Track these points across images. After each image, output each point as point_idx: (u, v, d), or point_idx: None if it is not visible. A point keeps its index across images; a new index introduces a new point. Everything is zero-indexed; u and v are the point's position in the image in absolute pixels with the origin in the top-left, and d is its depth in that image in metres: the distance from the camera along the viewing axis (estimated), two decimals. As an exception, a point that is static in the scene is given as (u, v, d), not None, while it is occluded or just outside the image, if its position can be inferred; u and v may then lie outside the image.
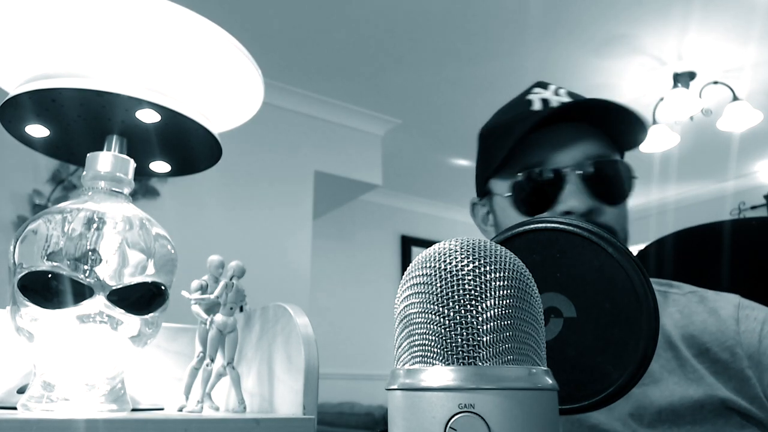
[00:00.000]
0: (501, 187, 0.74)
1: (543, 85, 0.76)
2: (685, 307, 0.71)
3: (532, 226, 0.43)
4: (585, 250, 0.41)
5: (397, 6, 2.59)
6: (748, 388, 0.63)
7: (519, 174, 0.71)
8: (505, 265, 0.30)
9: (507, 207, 0.73)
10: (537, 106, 0.74)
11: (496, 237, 0.44)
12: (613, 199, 0.70)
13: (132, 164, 0.57)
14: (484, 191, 0.79)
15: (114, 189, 0.55)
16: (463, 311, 0.29)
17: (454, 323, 0.29)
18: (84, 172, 0.55)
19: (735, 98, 3.01)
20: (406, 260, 4.89)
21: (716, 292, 0.72)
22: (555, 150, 0.70)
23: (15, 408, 0.48)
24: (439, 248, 0.31)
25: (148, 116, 0.56)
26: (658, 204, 5.03)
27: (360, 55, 2.97)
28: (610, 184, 0.69)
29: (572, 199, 0.67)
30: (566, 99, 0.73)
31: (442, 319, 0.29)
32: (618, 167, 0.71)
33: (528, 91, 0.76)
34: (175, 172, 0.69)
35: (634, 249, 0.67)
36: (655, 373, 0.65)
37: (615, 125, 0.72)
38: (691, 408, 0.62)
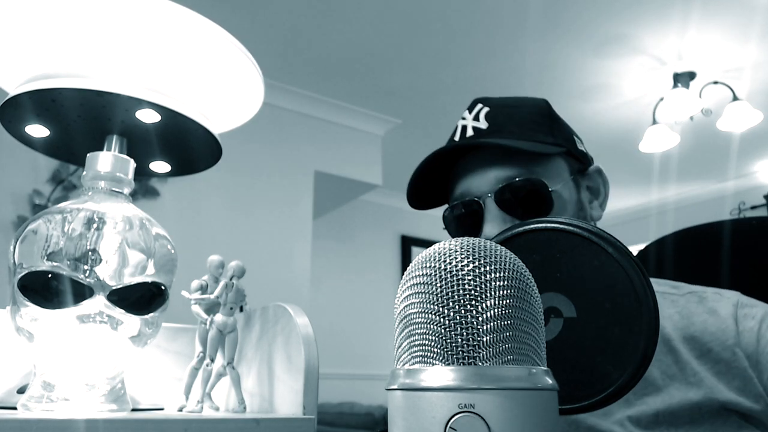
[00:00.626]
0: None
1: (471, 107, 0.77)
2: (684, 308, 0.71)
3: (532, 226, 0.43)
4: (585, 250, 0.41)
5: (397, 6, 2.59)
6: (751, 387, 0.63)
7: (445, 209, 0.75)
8: (505, 265, 0.30)
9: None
10: (457, 135, 0.77)
11: (496, 237, 0.44)
12: (534, 216, 0.70)
13: (132, 164, 0.57)
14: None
15: (114, 189, 0.55)
16: (463, 311, 0.29)
17: (454, 323, 0.29)
18: (84, 172, 0.55)
19: (735, 98, 3.01)
20: (406, 260, 4.89)
21: (716, 290, 0.72)
22: (473, 177, 0.73)
23: (15, 408, 0.48)
24: (439, 248, 0.31)
25: (148, 116, 0.56)
26: (658, 204, 5.03)
27: (360, 55, 2.97)
28: (526, 203, 0.70)
29: (488, 225, 0.69)
30: (482, 124, 0.74)
31: (442, 319, 0.29)
32: (529, 185, 0.70)
33: (462, 117, 0.78)
34: (175, 172, 0.69)
35: (634, 249, 0.67)
36: (657, 381, 0.65)
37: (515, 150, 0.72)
38: (689, 409, 0.62)
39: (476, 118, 0.75)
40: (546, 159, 0.73)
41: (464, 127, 0.76)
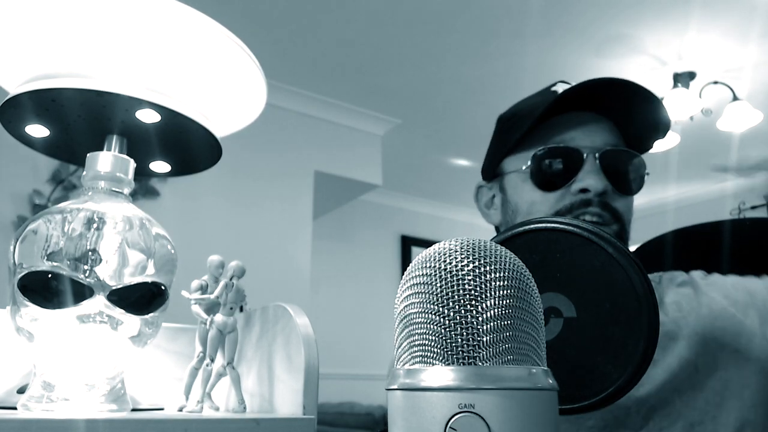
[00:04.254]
0: (517, 163, 0.76)
1: (566, 82, 0.78)
2: (681, 297, 0.73)
3: (532, 226, 0.43)
4: (585, 250, 0.41)
5: (397, 6, 2.59)
6: (739, 327, 0.68)
7: (540, 149, 0.73)
8: (505, 265, 0.30)
9: (520, 183, 0.75)
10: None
11: (496, 237, 0.44)
12: (627, 188, 0.72)
13: (132, 164, 0.57)
14: (494, 173, 0.81)
15: (114, 189, 0.55)
16: (463, 311, 0.29)
17: (454, 323, 0.29)
18: (84, 172, 0.55)
19: (735, 98, 3.01)
20: (406, 260, 4.89)
21: (707, 282, 0.75)
22: (576, 131, 0.73)
23: (15, 408, 0.48)
24: (439, 248, 0.31)
25: (148, 116, 0.56)
26: (658, 204, 5.03)
27: (360, 55, 2.97)
28: (626, 173, 0.72)
29: (590, 177, 0.70)
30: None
31: (442, 319, 0.29)
32: (635, 159, 0.73)
33: (552, 85, 0.78)
34: (175, 172, 0.69)
35: (632, 248, 0.68)
36: None
37: (635, 120, 0.74)
38: (687, 371, 0.66)
39: None
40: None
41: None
